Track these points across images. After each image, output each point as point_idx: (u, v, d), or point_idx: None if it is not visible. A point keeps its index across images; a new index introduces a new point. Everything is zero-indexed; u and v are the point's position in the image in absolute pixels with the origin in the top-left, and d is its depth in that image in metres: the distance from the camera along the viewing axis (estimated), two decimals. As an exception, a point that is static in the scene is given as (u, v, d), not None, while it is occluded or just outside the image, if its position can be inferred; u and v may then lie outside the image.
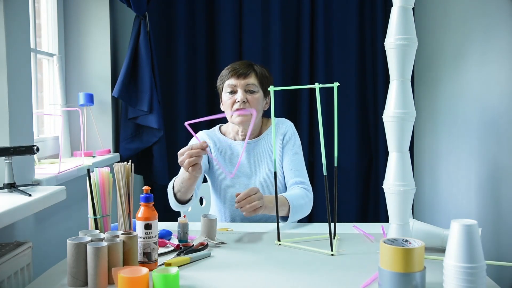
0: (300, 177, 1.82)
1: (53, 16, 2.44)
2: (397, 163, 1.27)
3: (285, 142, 1.86)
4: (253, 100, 1.79)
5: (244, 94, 1.78)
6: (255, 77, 1.82)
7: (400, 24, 1.24)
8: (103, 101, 2.59)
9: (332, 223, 1.40)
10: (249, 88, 1.79)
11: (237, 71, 1.80)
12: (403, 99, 1.25)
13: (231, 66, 1.84)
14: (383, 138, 1.65)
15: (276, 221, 1.50)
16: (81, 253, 1.12)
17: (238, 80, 1.79)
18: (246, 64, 1.84)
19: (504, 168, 1.82)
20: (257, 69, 1.84)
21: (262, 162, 1.85)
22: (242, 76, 1.79)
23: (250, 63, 1.86)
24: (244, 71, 1.80)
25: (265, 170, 1.84)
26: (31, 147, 1.51)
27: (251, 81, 1.80)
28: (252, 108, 1.77)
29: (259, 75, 1.82)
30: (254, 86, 1.80)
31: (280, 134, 1.87)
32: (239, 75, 1.79)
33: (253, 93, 1.80)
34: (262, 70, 1.85)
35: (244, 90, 1.79)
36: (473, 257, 0.97)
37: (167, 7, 2.87)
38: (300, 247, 1.42)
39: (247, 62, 1.86)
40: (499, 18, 1.87)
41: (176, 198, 1.72)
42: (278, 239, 1.47)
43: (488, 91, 1.95)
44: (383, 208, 2.92)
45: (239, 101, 1.77)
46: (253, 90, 1.80)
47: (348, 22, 2.92)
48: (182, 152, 1.50)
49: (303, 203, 1.72)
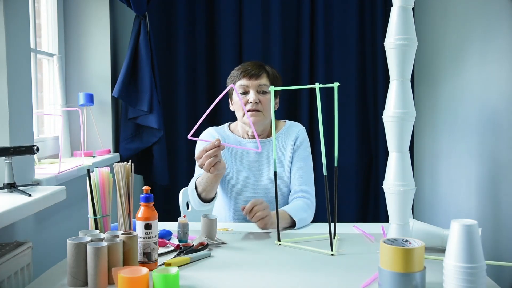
0: (305, 185, 1.82)
1: (53, 16, 2.44)
2: (397, 163, 1.27)
3: (297, 147, 1.87)
4: (265, 101, 1.80)
5: (256, 95, 1.79)
6: (267, 77, 1.82)
7: (400, 24, 1.24)
8: (103, 101, 2.59)
9: (332, 223, 1.40)
10: (261, 88, 1.80)
11: (249, 72, 1.80)
12: (403, 99, 1.25)
13: (242, 67, 1.84)
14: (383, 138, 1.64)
15: (276, 220, 1.50)
16: (81, 253, 1.12)
17: (250, 80, 1.79)
18: (258, 64, 1.84)
19: (504, 168, 1.82)
20: (268, 69, 1.85)
21: (271, 162, 1.86)
22: (254, 77, 1.80)
23: (261, 64, 1.86)
24: (256, 71, 1.80)
25: (272, 171, 1.84)
26: (31, 147, 1.51)
27: (263, 82, 1.80)
28: (264, 108, 1.79)
29: (270, 76, 1.83)
30: (266, 86, 1.80)
31: (292, 137, 1.88)
32: (251, 76, 1.79)
33: (265, 93, 1.80)
34: (273, 71, 1.86)
35: (256, 90, 1.79)
36: (473, 257, 0.97)
37: (167, 7, 2.87)
38: (300, 247, 1.42)
39: (258, 63, 1.86)
40: (499, 18, 1.87)
41: (200, 198, 1.71)
42: (278, 239, 1.47)
43: (488, 91, 1.95)
44: (383, 208, 2.92)
45: (251, 101, 1.78)
46: (265, 91, 1.80)
47: (348, 22, 2.92)
48: (199, 155, 1.51)
49: (306, 216, 1.72)
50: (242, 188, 1.84)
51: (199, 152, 1.52)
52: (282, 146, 1.88)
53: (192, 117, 2.91)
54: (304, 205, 1.75)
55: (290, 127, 1.91)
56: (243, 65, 1.86)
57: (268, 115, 1.82)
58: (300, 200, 1.78)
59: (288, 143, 1.87)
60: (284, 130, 1.91)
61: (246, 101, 1.80)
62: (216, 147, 1.48)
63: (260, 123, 1.82)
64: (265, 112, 1.81)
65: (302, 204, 1.75)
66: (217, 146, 1.49)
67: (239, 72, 1.82)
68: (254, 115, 1.79)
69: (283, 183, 1.85)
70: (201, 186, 1.69)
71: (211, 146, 1.48)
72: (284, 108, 2.89)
